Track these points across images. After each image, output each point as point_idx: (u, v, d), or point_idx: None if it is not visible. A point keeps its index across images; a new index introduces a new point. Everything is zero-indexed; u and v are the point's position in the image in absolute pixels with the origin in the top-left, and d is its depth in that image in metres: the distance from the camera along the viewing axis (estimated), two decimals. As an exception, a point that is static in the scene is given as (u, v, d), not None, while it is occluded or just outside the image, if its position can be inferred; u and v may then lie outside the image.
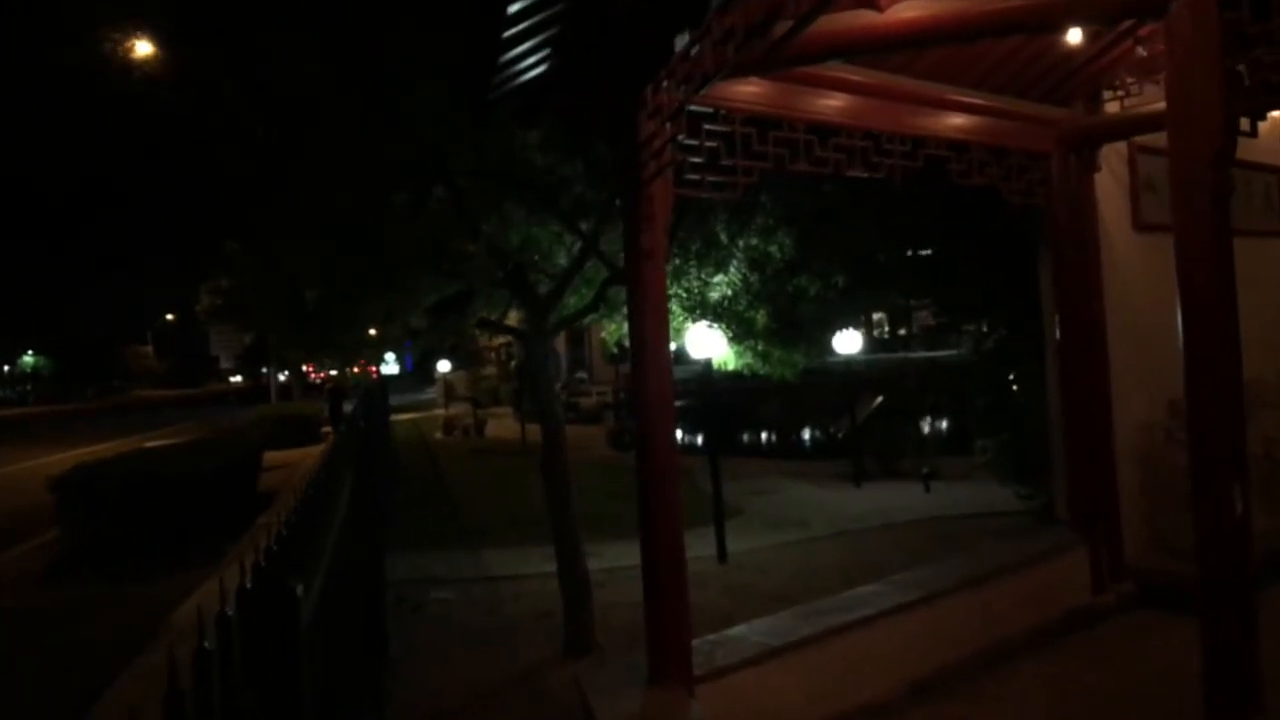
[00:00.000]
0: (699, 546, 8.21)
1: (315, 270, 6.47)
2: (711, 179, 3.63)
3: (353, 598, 3.73)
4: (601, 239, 5.72)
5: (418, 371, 41.82)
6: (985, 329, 6.97)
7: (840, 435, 20.14)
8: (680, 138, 3.09)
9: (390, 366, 32.72)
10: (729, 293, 6.40)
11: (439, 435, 23.40)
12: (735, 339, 6.75)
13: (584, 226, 5.53)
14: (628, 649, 6.02)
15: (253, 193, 5.59)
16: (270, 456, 16.92)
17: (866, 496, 10.69)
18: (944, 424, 14.00)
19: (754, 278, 6.36)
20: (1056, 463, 5.58)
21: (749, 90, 3.78)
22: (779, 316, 6.39)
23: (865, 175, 4.24)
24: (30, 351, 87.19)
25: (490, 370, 39.41)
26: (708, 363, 7.62)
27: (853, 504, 10.12)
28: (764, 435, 26.57)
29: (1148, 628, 5.10)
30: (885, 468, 12.38)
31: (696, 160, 3.52)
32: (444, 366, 30.71)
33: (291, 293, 6.10)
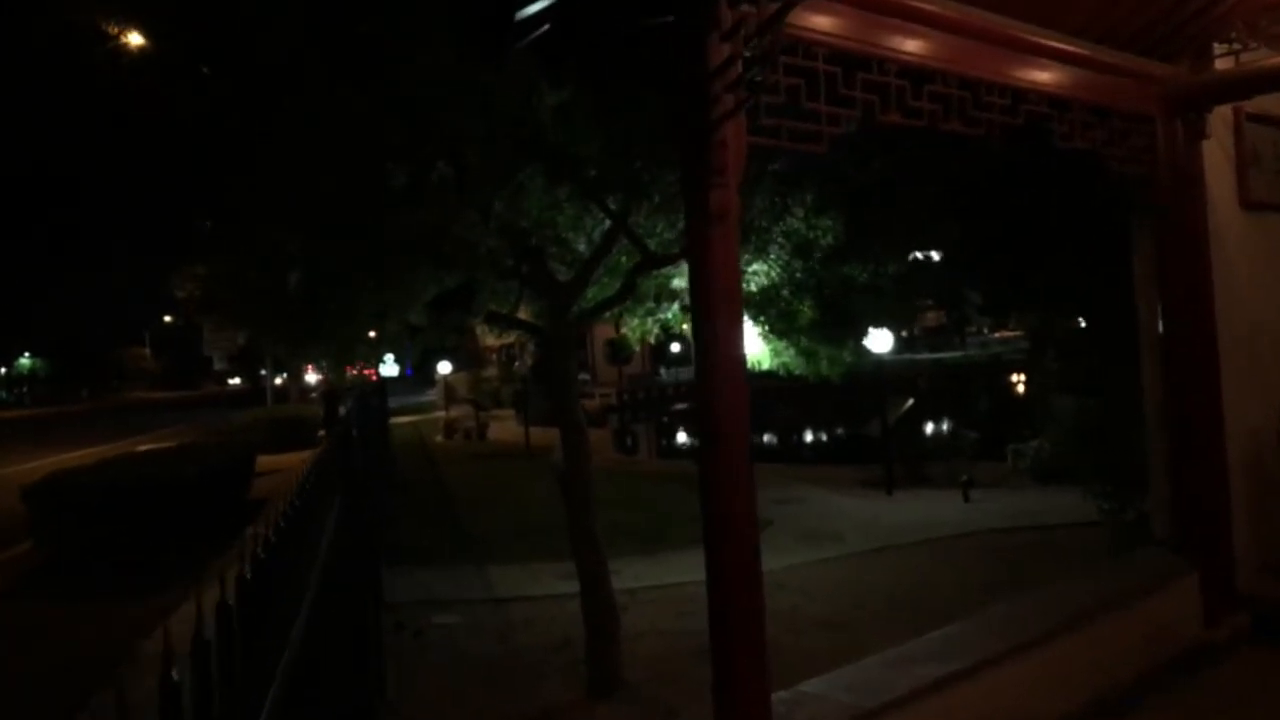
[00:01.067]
0: (728, 564, 7.47)
1: (298, 261, 5.75)
2: (791, 126, 2.91)
3: (339, 650, 3.02)
4: (629, 219, 5.00)
5: (417, 373, 41.19)
6: (1051, 320, 6.25)
7: (849, 437, 19.48)
8: (780, 58, 2.36)
9: (389, 368, 32.05)
10: (765, 282, 5.68)
11: (439, 438, 22.68)
12: (776, 335, 6.02)
13: (611, 205, 4.82)
14: (659, 687, 5.32)
15: (225, 171, 4.85)
16: (265, 461, 16.23)
17: (901, 506, 9.95)
18: (971, 428, 13.31)
19: (798, 265, 5.64)
20: (1155, 474, 4.85)
21: (828, 21, 3.06)
22: (826, 309, 5.65)
23: (962, 132, 3.52)
24: (27, 353, 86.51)
25: (491, 371, 38.70)
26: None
27: (888, 515, 9.39)
28: (777, 438, 25.92)
29: (1271, 666, 4.39)
30: (913, 474, 11.65)
31: (771, 100, 2.80)
32: (444, 368, 30.00)
33: (272, 282, 5.38)
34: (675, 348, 42.35)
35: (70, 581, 8.87)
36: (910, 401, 11.93)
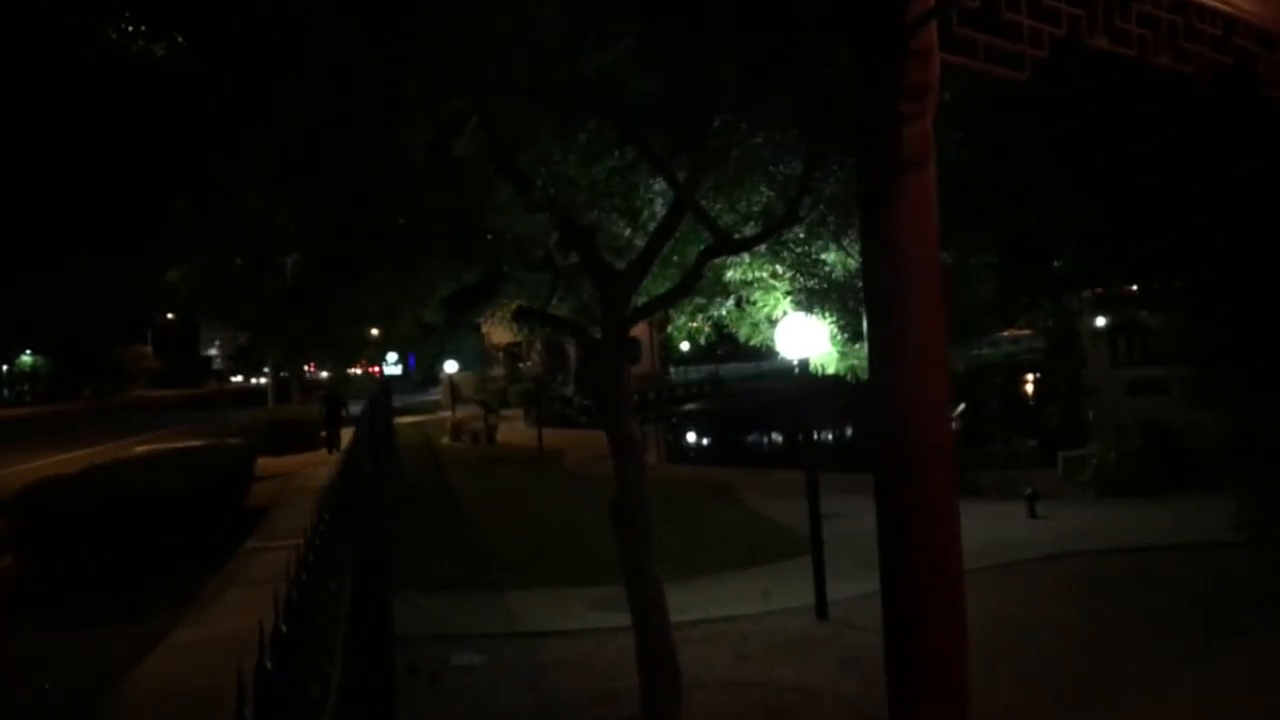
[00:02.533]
0: (784, 594, 6.64)
1: (295, 246, 4.91)
2: (988, 42, 2.07)
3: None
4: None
5: (422, 372, 40.44)
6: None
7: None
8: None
9: (393, 367, 31.29)
10: (841, 274, 4.85)
11: (446, 440, 21.82)
12: (853, 335, 5.18)
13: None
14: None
15: (213, 136, 4.01)
16: (265, 464, 15.41)
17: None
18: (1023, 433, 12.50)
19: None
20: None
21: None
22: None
23: (1170, 68, 2.69)
24: (28, 351, 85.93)
25: (498, 370, 37.83)
26: (804, 364, 6.06)
27: (947, 532, 8.54)
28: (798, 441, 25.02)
29: None
30: (963, 484, 10.79)
31: (967, 4, 1.96)
32: (451, 367, 29.19)
33: (266, 273, 4.59)
34: (684, 346, 41.51)
35: (53, 602, 8.08)
36: (962, 406, 11.08)
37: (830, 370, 6.04)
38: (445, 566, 8.24)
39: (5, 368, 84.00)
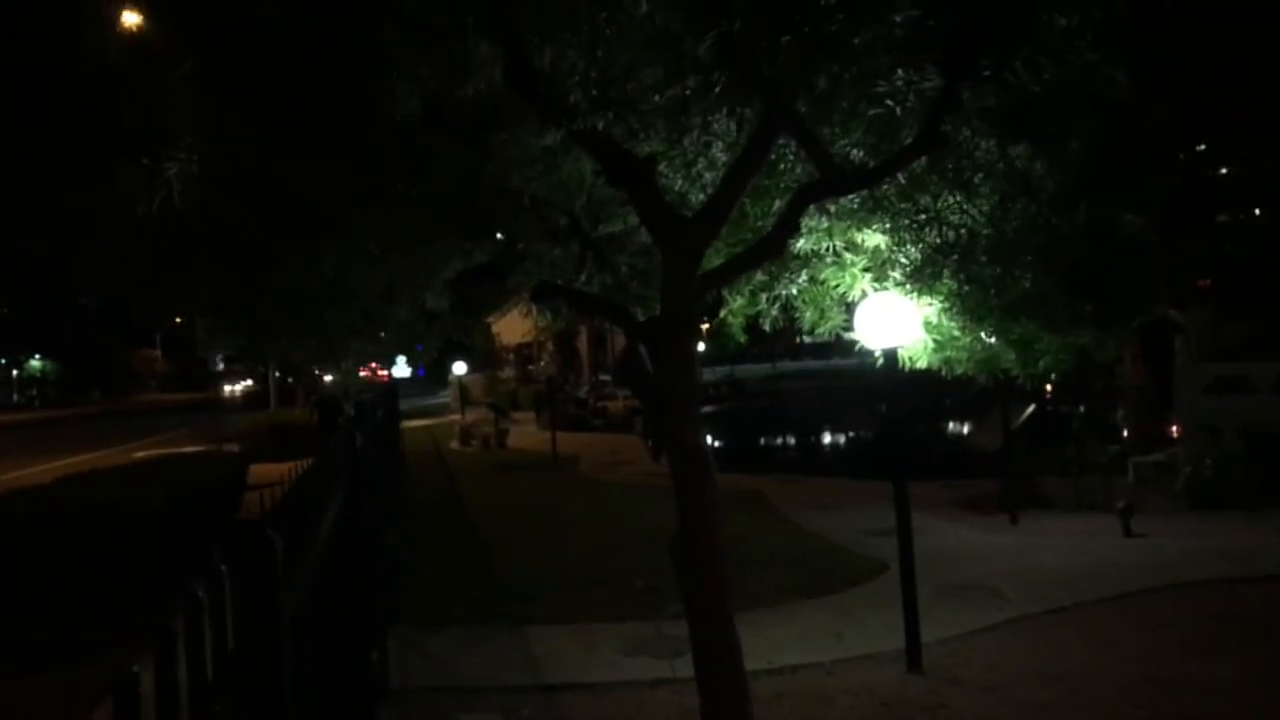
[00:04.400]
0: (859, 635, 5.51)
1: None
2: None
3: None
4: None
5: (430, 374, 39.64)
6: None
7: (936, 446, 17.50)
8: None
9: (402, 369, 30.38)
10: (974, 228, 3.74)
11: (455, 445, 20.86)
12: (969, 316, 4.05)
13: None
14: None
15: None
16: (267, 470, 14.52)
17: (1041, 542, 7.93)
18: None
19: (1014, 208, 3.70)
20: None
21: None
22: (1059, 274, 3.69)
23: None
24: (37, 355, 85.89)
25: (508, 372, 36.84)
26: (891, 356, 4.93)
27: (1032, 553, 7.38)
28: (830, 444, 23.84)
29: None
30: (1030, 494, 9.64)
31: None
32: (459, 368, 28.21)
33: (212, 240, 3.45)
34: (700, 346, 40.33)
35: (10, 636, 7.08)
36: (1032, 407, 9.99)
37: (921, 364, 4.90)
38: (454, 595, 7.15)
39: (15, 373, 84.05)
